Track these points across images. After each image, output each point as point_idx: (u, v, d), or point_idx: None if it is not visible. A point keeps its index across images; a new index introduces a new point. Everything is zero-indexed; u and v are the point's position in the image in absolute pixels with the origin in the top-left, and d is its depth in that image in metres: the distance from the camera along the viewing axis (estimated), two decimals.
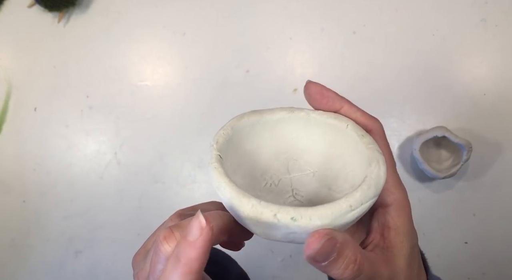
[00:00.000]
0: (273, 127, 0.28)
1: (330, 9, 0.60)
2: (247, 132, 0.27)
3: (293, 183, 0.27)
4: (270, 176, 0.27)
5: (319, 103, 0.28)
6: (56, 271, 0.62)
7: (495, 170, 0.57)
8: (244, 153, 0.27)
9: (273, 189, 0.27)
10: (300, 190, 0.27)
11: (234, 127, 0.27)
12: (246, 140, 0.27)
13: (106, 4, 0.63)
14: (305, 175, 0.27)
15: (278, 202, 0.24)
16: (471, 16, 0.58)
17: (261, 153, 0.27)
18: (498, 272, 0.57)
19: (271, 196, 0.26)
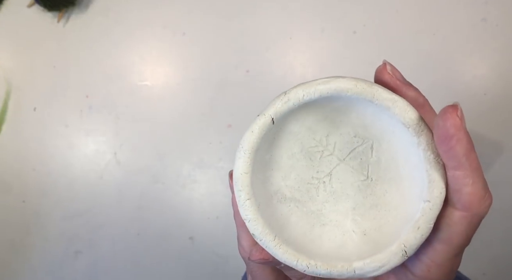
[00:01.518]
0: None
1: (330, 9, 0.60)
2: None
3: (336, 169, 0.23)
4: (329, 143, 0.23)
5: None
6: (56, 271, 0.62)
7: (495, 170, 0.57)
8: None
9: (315, 159, 0.23)
10: (337, 181, 0.23)
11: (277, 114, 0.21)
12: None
13: (106, 4, 0.63)
14: (355, 173, 0.23)
15: (305, 173, 0.23)
16: (471, 16, 0.58)
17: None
18: (498, 272, 0.57)
19: (304, 163, 0.23)
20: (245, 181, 0.21)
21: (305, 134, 0.23)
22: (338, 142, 0.23)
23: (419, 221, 0.20)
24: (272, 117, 0.21)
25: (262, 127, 0.21)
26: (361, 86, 0.21)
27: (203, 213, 0.61)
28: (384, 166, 0.22)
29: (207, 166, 0.61)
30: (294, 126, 0.22)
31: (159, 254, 0.61)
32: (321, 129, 0.23)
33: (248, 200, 0.21)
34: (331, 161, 0.23)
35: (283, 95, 0.21)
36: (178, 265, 0.61)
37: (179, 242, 0.61)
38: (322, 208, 0.23)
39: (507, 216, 0.57)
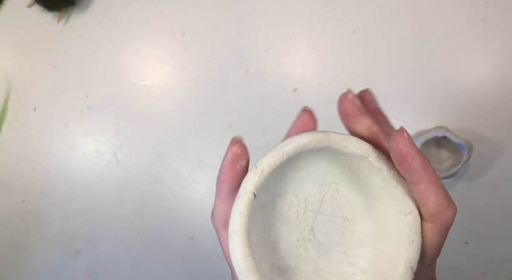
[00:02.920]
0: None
1: (330, 9, 0.60)
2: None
3: (315, 223, 0.24)
4: (300, 201, 0.24)
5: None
6: (56, 271, 0.62)
7: (496, 170, 0.57)
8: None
9: (293, 221, 0.24)
10: (320, 233, 0.24)
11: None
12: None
13: (106, 3, 0.63)
14: (332, 219, 0.24)
15: (290, 239, 0.23)
16: (471, 16, 0.58)
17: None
18: (498, 272, 0.57)
19: (286, 230, 0.24)
20: (250, 264, 0.21)
21: (276, 201, 0.23)
22: (307, 196, 0.24)
23: (411, 234, 0.21)
24: (253, 192, 0.21)
25: (248, 205, 0.21)
26: (318, 137, 0.22)
27: (203, 213, 0.61)
28: (353, 203, 0.23)
29: (207, 166, 0.61)
30: (265, 197, 0.23)
31: (159, 254, 0.61)
32: (288, 192, 0.24)
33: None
34: (308, 217, 0.24)
35: (255, 168, 0.22)
36: (178, 265, 0.61)
37: (179, 242, 0.61)
38: (317, 264, 0.23)
39: (507, 216, 0.57)
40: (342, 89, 0.26)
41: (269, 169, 0.22)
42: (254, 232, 0.22)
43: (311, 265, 0.23)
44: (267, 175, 0.22)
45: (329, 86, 0.59)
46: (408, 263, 0.20)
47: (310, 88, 0.59)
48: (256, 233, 0.22)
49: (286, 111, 0.59)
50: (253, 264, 0.21)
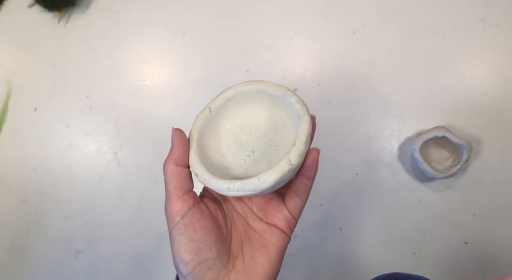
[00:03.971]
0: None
1: (330, 9, 0.61)
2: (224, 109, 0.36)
3: (257, 146, 0.36)
4: (252, 133, 0.36)
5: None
6: (56, 271, 0.62)
7: (495, 170, 0.57)
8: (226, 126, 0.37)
9: (243, 144, 0.36)
10: (257, 153, 0.36)
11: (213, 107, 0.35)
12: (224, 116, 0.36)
13: (106, 4, 0.63)
14: (268, 146, 0.36)
15: (238, 154, 0.35)
16: (471, 16, 0.58)
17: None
18: (498, 272, 0.57)
19: (236, 148, 0.36)
20: (193, 140, 0.34)
21: (237, 130, 0.36)
22: (258, 131, 0.36)
23: (296, 140, 0.30)
24: (209, 107, 0.35)
25: (202, 116, 0.35)
26: (277, 88, 0.34)
27: None
28: (283, 136, 0.35)
29: None
30: (229, 125, 0.36)
31: (159, 254, 0.61)
32: (246, 126, 0.36)
33: (192, 150, 0.33)
34: (253, 143, 0.36)
35: (219, 95, 0.35)
36: None
37: None
38: (247, 170, 0.34)
39: (507, 216, 0.57)
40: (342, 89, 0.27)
41: (223, 97, 0.35)
42: (213, 140, 0.35)
43: (242, 169, 0.34)
44: (221, 100, 0.35)
45: (329, 86, 0.59)
46: (287, 157, 0.29)
47: (310, 88, 0.59)
48: (214, 141, 0.35)
49: None
50: (195, 140, 0.34)
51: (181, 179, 0.31)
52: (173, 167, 0.32)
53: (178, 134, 0.33)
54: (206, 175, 0.31)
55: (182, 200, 0.31)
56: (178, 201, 0.31)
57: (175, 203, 0.30)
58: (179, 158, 0.32)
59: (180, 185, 0.31)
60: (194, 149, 0.33)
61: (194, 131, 0.34)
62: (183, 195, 0.31)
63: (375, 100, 0.59)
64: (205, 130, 0.34)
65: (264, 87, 0.34)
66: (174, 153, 0.33)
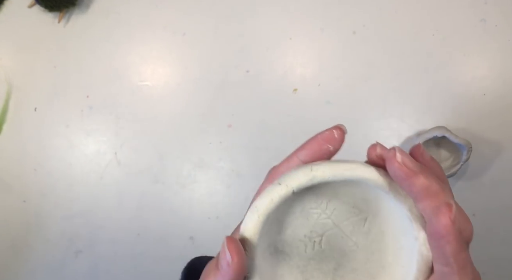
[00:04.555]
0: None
1: (330, 9, 0.61)
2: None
3: (328, 232, 0.25)
4: (328, 208, 0.25)
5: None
6: (56, 271, 0.62)
7: (495, 170, 0.57)
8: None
9: (311, 219, 0.25)
10: (326, 242, 0.25)
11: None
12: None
13: (106, 4, 0.63)
14: (345, 239, 0.24)
15: (300, 230, 0.24)
16: (471, 16, 0.58)
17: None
18: (498, 272, 0.57)
19: (301, 222, 0.25)
20: (252, 243, 0.22)
21: (309, 196, 0.24)
22: (337, 209, 0.24)
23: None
24: (293, 190, 0.22)
25: (282, 197, 0.22)
26: (382, 180, 0.22)
27: (203, 213, 0.61)
28: (372, 238, 0.24)
29: (207, 166, 0.61)
30: (300, 193, 0.23)
31: (159, 254, 0.61)
32: (325, 195, 0.24)
33: (252, 260, 0.22)
34: (326, 224, 0.24)
35: (309, 170, 0.22)
36: (178, 265, 0.61)
37: (179, 242, 0.61)
38: (307, 264, 0.24)
39: (507, 216, 0.57)
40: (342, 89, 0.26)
41: (320, 179, 0.22)
42: (274, 213, 0.23)
43: (302, 262, 0.24)
44: (315, 183, 0.22)
45: (329, 86, 0.59)
46: None
47: (310, 88, 0.59)
48: (274, 212, 0.23)
49: (286, 111, 0.60)
50: (256, 243, 0.22)
51: None
52: None
53: (237, 262, 0.21)
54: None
55: None
56: None
57: None
58: None
59: None
60: (254, 268, 0.22)
61: (257, 226, 0.22)
62: None
63: (375, 100, 0.59)
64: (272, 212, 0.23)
65: (383, 186, 0.22)
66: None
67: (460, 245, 0.20)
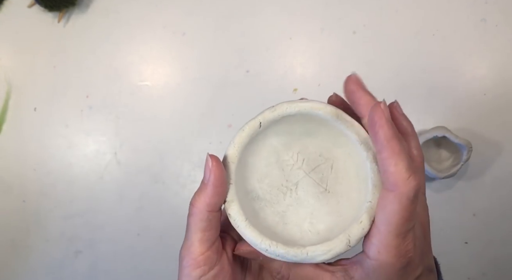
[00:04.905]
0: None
1: (330, 9, 0.61)
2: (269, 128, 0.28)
3: (302, 180, 0.28)
4: (299, 159, 0.28)
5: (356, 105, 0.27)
6: (56, 271, 0.62)
7: (495, 170, 0.57)
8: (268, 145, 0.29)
9: (286, 170, 0.28)
10: (301, 189, 0.29)
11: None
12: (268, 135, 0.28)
13: (106, 4, 0.63)
14: (316, 185, 0.28)
15: (277, 180, 0.28)
16: (471, 16, 0.58)
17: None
18: (498, 272, 0.57)
19: (277, 173, 0.28)
20: (231, 169, 0.26)
21: (281, 148, 0.28)
22: (306, 159, 0.28)
23: (362, 217, 0.24)
24: (260, 121, 0.26)
25: (251, 127, 0.26)
26: (329, 108, 0.26)
27: None
28: (339, 181, 0.28)
29: None
30: (274, 140, 0.28)
31: (159, 254, 0.61)
32: (294, 147, 0.28)
33: (231, 185, 0.26)
34: (298, 174, 0.28)
35: (271, 107, 0.26)
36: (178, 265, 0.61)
37: (179, 242, 0.61)
38: (286, 210, 0.28)
39: (507, 216, 0.57)
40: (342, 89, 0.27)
41: (279, 112, 0.26)
42: (252, 156, 0.28)
43: (281, 208, 0.28)
44: (276, 116, 0.26)
45: (329, 86, 0.59)
46: (348, 235, 0.24)
47: (310, 88, 0.59)
48: (254, 159, 0.28)
49: None
50: (233, 170, 0.26)
51: (210, 228, 0.26)
52: (205, 213, 0.26)
53: (216, 167, 0.25)
54: (241, 221, 0.25)
55: (205, 257, 0.26)
56: (200, 257, 0.26)
57: (196, 260, 0.26)
58: (214, 203, 0.25)
59: (207, 237, 0.26)
60: (232, 178, 0.26)
61: (234, 151, 0.26)
62: (207, 250, 0.26)
63: None
64: (247, 147, 0.27)
65: (332, 115, 0.26)
66: (208, 195, 0.25)
67: (392, 131, 0.23)
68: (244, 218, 0.25)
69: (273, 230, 0.27)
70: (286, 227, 0.27)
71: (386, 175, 0.22)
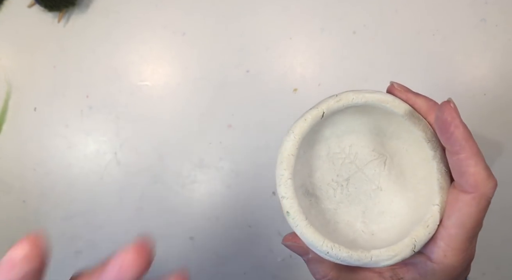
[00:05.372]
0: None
1: (330, 9, 0.61)
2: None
3: (353, 176, 0.26)
4: (351, 153, 0.26)
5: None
6: (56, 271, 0.62)
7: (495, 170, 0.57)
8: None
9: (337, 164, 0.26)
10: (352, 186, 0.26)
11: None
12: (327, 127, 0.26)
13: (106, 4, 0.63)
14: (369, 182, 0.26)
15: (327, 175, 0.26)
16: (471, 16, 0.58)
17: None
18: (498, 272, 0.57)
19: (328, 166, 0.26)
20: (290, 162, 0.24)
21: (333, 140, 0.26)
22: (359, 153, 0.26)
23: (429, 221, 0.22)
24: (323, 111, 0.24)
25: (314, 117, 0.24)
26: (398, 101, 0.25)
27: (203, 213, 0.61)
28: (393, 179, 0.26)
29: (207, 166, 0.61)
30: (327, 132, 0.26)
31: (159, 254, 0.61)
32: (346, 139, 0.26)
33: (290, 180, 0.23)
34: (350, 168, 0.26)
35: (335, 96, 0.24)
36: (178, 265, 0.61)
37: (179, 242, 0.61)
38: (337, 207, 0.26)
39: (507, 216, 0.57)
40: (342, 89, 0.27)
41: (345, 102, 0.24)
42: (304, 148, 0.25)
43: (332, 205, 0.26)
44: (341, 106, 0.24)
45: (329, 86, 0.59)
46: (414, 240, 0.22)
47: (310, 88, 0.59)
48: (305, 151, 0.25)
49: (286, 111, 0.59)
50: (293, 163, 0.23)
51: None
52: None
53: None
54: (301, 221, 0.23)
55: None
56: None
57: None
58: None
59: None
60: (291, 172, 0.24)
61: (295, 143, 0.24)
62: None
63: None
64: (305, 138, 0.25)
65: (400, 109, 0.24)
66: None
67: (468, 130, 0.22)
68: (304, 217, 0.23)
69: (326, 230, 0.25)
70: (338, 226, 0.26)
71: (465, 177, 0.21)
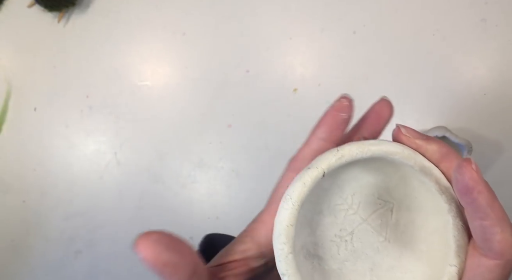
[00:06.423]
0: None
1: (330, 9, 0.60)
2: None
3: (358, 228, 0.24)
4: (354, 202, 0.24)
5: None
6: (56, 271, 0.62)
7: (495, 170, 0.57)
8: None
9: (339, 217, 0.24)
10: (357, 240, 0.24)
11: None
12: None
13: (106, 4, 0.63)
14: (375, 234, 0.24)
15: (329, 231, 0.23)
16: (471, 16, 0.58)
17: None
18: None
19: (329, 221, 0.24)
20: (290, 234, 0.21)
21: (334, 191, 0.23)
22: (363, 202, 0.23)
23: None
24: (324, 171, 0.21)
25: (314, 180, 0.21)
26: (407, 152, 0.21)
27: (203, 213, 0.61)
28: (401, 229, 0.23)
29: (207, 166, 0.61)
30: (326, 183, 0.23)
31: None
32: (348, 188, 0.23)
33: (291, 254, 0.21)
34: (354, 220, 0.23)
35: (336, 151, 0.21)
36: None
37: None
38: (342, 267, 0.23)
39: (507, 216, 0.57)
40: (342, 89, 0.27)
41: (348, 157, 0.21)
42: (304, 208, 0.22)
43: (336, 264, 0.23)
44: (344, 162, 0.21)
45: (329, 86, 0.59)
46: None
47: (310, 88, 0.59)
48: (304, 209, 0.22)
49: (286, 111, 0.59)
50: (293, 234, 0.21)
51: None
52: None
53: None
54: None
55: None
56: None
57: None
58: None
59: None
60: (291, 245, 0.21)
61: (294, 211, 0.21)
62: None
63: (375, 100, 0.59)
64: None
65: (410, 160, 0.21)
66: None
67: (492, 194, 0.20)
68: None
69: None
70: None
71: (490, 243, 0.20)
